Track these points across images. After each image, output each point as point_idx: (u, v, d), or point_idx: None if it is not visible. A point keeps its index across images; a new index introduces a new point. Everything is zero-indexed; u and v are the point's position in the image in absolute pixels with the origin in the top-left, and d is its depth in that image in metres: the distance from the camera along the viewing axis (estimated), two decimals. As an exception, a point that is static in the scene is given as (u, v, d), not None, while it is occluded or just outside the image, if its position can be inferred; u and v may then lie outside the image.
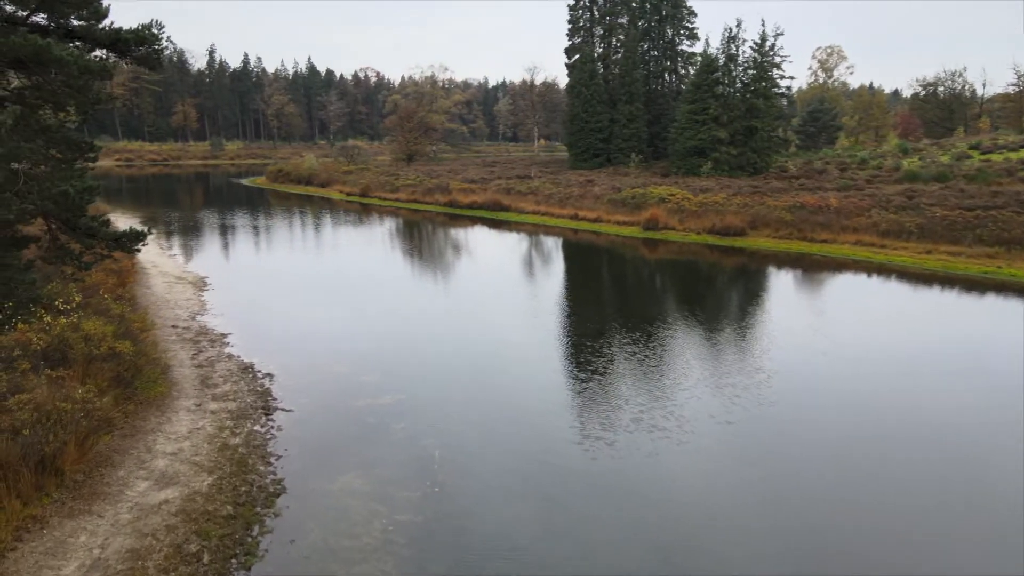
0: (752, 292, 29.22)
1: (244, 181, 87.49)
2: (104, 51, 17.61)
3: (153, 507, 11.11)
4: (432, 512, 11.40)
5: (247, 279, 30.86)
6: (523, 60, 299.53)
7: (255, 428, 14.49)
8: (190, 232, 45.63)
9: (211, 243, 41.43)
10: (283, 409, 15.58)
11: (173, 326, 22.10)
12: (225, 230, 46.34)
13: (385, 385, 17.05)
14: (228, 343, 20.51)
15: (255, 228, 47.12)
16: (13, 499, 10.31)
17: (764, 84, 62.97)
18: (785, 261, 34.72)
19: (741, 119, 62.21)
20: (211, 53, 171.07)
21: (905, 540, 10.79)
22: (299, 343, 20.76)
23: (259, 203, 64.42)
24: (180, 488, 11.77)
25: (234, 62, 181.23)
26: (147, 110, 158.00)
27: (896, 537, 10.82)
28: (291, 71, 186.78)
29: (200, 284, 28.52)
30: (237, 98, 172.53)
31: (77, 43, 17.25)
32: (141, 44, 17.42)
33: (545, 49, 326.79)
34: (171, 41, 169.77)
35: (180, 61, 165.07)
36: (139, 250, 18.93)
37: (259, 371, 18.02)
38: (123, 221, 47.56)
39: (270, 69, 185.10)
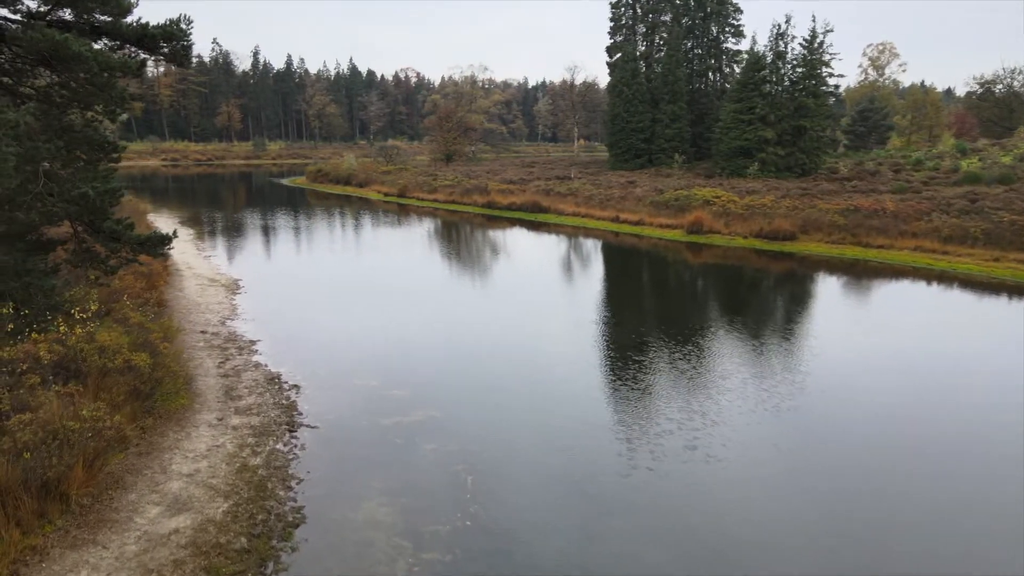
0: (808, 301, 27.58)
1: (284, 181, 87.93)
2: (133, 48, 17.12)
3: (162, 537, 10.26)
4: (462, 550, 10.32)
5: (281, 282, 30.24)
6: (563, 60, 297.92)
7: (277, 447, 13.61)
8: (227, 232, 45.48)
9: (247, 244, 41.12)
10: (308, 426, 14.68)
11: (202, 331, 21.48)
12: (262, 230, 46.09)
13: (416, 400, 16.05)
14: (256, 350, 19.77)
15: (292, 229, 46.77)
16: (12, 528, 9.54)
17: (813, 82, 60.67)
18: (838, 267, 32.93)
19: (789, 118, 60.05)
20: (255, 54, 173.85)
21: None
22: (329, 351, 19.93)
23: (298, 203, 64.36)
24: (193, 515, 10.90)
25: (278, 63, 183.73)
26: (193, 111, 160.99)
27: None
28: (333, 72, 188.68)
29: (233, 287, 27.98)
30: (280, 99, 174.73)
31: (105, 40, 16.76)
32: (169, 40, 16.75)
33: (585, 48, 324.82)
34: (217, 43, 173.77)
35: (225, 63, 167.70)
36: (164, 254, 18.37)
37: (286, 382, 17.20)
38: (165, 220, 47.78)
39: (312, 70, 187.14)
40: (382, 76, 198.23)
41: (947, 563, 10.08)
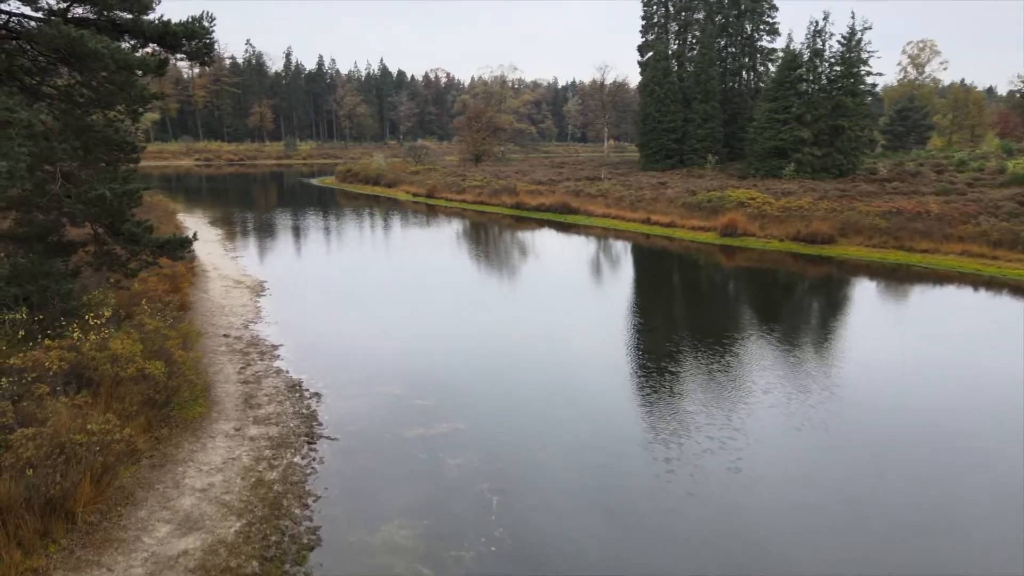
0: (850, 308, 26.35)
1: (314, 181, 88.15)
2: (155, 46, 16.70)
3: (170, 559, 9.71)
4: (487, 580, 9.63)
5: (307, 284, 29.85)
6: (593, 60, 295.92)
7: (295, 460, 13.04)
8: (256, 232, 45.39)
9: (275, 244, 40.93)
10: (328, 437, 14.09)
11: (225, 335, 21.08)
12: (290, 231, 45.92)
13: (441, 411, 15.39)
14: (279, 356, 19.29)
15: (320, 229, 46.53)
16: (13, 548, 9.05)
17: (852, 81, 58.92)
18: (880, 272, 31.63)
19: (826, 118, 58.35)
20: (288, 55, 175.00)
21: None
22: (353, 358, 19.37)
23: (327, 203, 64.30)
24: (203, 535, 10.35)
25: (310, 64, 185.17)
26: (226, 111, 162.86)
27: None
28: (364, 72, 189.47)
29: (258, 289, 27.63)
30: (311, 99, 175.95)
31: (128, 39, 16.36)
32: (191, 38, 16.27)
33: (616, 47, 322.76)
34: (250, 44, 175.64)
35: (258, 63, 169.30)
36: (184, 257, 17.94)
37: (307, 390, 16.65)
38: (196, 220, 47.91)
39: (344, 70, 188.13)
40: (412, 76, 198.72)
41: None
